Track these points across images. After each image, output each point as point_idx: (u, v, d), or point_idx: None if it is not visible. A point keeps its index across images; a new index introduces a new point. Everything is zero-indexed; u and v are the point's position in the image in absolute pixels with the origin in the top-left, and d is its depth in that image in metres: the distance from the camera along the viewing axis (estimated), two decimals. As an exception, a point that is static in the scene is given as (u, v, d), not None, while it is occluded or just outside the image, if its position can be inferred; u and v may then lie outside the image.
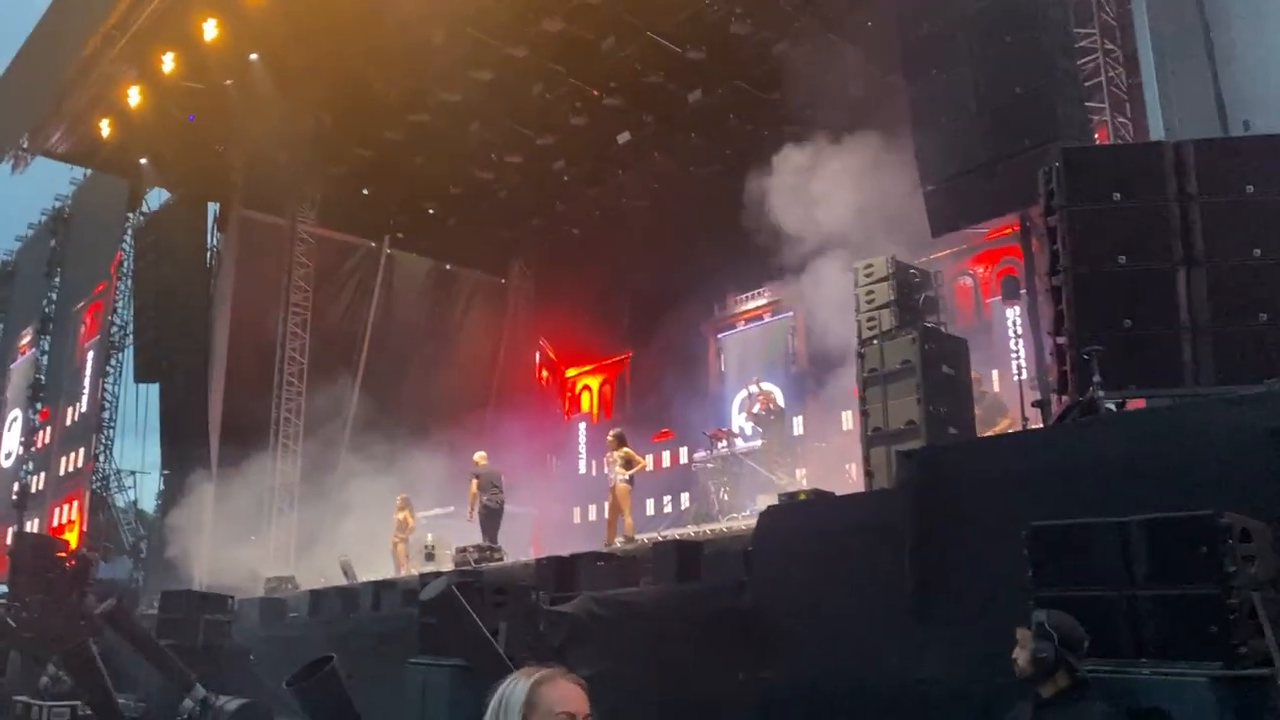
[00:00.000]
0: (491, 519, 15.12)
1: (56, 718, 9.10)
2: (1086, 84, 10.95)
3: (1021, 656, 4.06)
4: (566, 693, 2.09)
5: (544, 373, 24.73)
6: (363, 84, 19.06)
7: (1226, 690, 3.90)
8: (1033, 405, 8.88)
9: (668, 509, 17.56)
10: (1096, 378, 6.25)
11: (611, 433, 14.37)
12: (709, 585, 8.14)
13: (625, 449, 13.79)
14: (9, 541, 26.63)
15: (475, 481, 15.39)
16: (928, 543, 6.07)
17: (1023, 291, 11.14)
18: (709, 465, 15.66)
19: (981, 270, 15.35)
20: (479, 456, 15.88)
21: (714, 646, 7.16)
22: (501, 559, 13.43)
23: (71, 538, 23.29)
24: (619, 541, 12.89)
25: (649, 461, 19.04)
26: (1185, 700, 3.90)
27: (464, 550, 13.80)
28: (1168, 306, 6.46)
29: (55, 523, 26.69)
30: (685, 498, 17.20)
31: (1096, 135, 10.89)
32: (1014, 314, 13.73)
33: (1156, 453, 5.33)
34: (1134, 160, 6.94)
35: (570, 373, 24.18)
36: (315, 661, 5.49)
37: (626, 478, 13.50)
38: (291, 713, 6.92)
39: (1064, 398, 6.79)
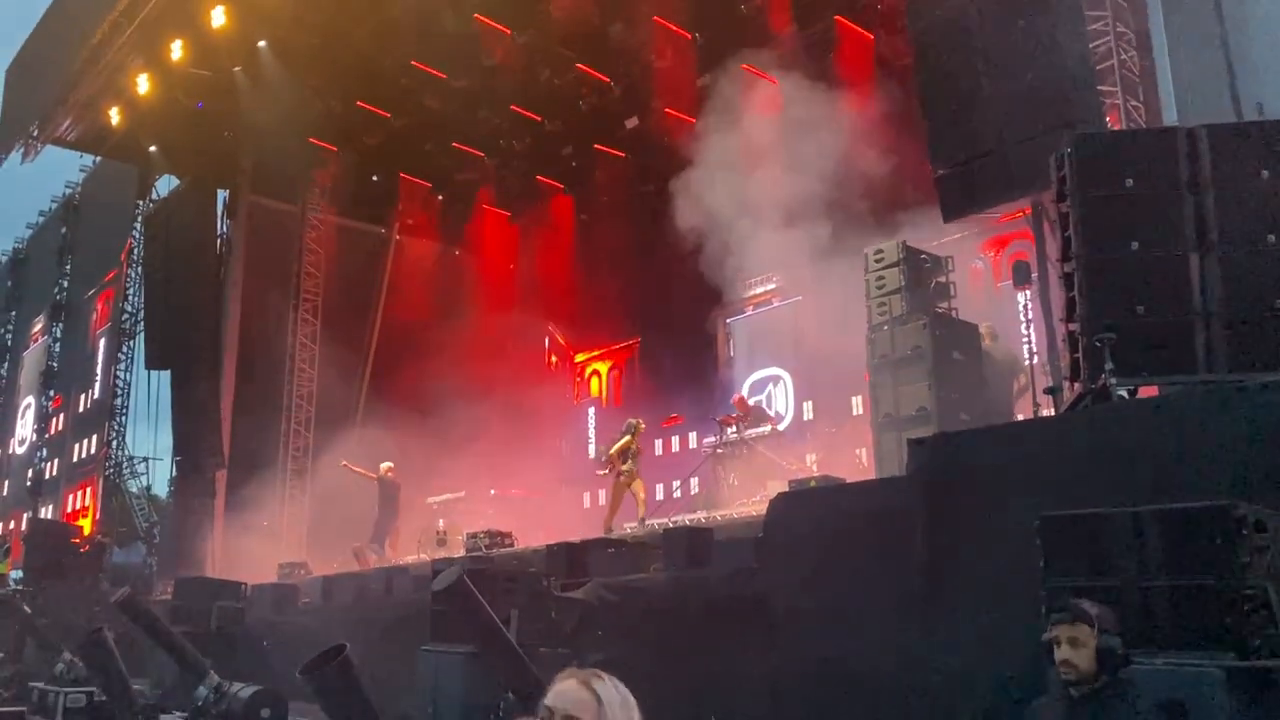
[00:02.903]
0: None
1: (73, 704, 9.17)
2: (1098, 67, 10.86)
3: (1078, 656, 3.54)
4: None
5: (553, 358, 24.73)
6: (371, 70, 19.06)
7: (1240, 682, 3.89)
8: (1044, 392, 8.85)
9: (677, 494, 17.56)
10: (1109, 365, 6.22)
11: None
12: (720, 572, 8.15)
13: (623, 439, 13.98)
14: (24, 527, 26.96)
15: (383, 491, 16.15)
16: (938, 530, 6.06)
17: (1034, 276, 11.08)
18: (718, 451, 15.65)
19: (993, 255, 15.26)
20: (387, 467, 16.49)
21: (725, 632, 7.19)
22: (512, 544, 13.48)
23: (85, 524, 23.50)
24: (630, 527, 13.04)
25: (658, 446, 19.08)
26: (1199, 692, 3.88)
27: (475, 536, 13.85)
28: (1181, 293, 6.42)
29: (69, 509, 26.93)
30: (695, 483, 17.20)
31: (1108, 118, 10.81)
32: (1025, 299, 13.66)
33: (1169, 441, 5.31)
34: (1146, 146, 6.88)
35: (579, 358, 24.17)
36: (328, 650, 5.51)
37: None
38: (305, 699, 6.96)
39: (1076, 385, 6.77)
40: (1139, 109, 11.09)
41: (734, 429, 15.68)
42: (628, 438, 14.03)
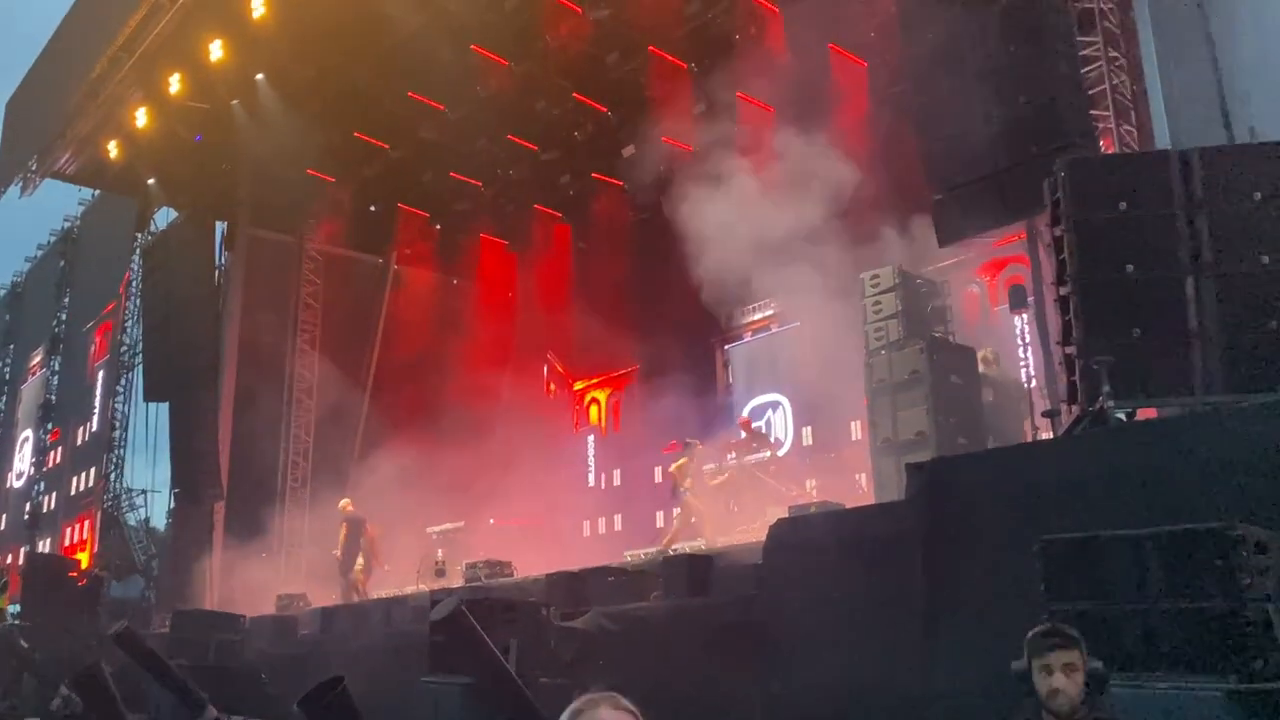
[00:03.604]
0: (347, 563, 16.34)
1: (69, 739, 9.10)
2: (1090, 91, 10.93)
3: (1072, 683, 3.33)
4: None
5: (552, 386, 24.72)
6: (368, 101, 19.18)
7: (1242, 704, 3.86)
8: (1042, 415, 8.85)
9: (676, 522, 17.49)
10: (1106, 388, 6.22)
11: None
12: (719, 599, 8.12)
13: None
14: (21, 561, 26.82)
15: (346, 528, 16.37)
16: (938, 555, 6.04)
17: (1030, 300, 11.11)
18: (718, 478, 15.60)
19: (989, 279, 15.31)
20: (345, 503, 16.76)
21: (725, 660, 7.15)
22: (512, 574, 13.41)
23: (83, 557, 23.38)
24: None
25: (657, 474, 19.04)
26: (1201, 714, 3.86)
27: (474, 566, 13.79)
28: (1177, 315, 6.44)
29: (67, 542, 26.81)
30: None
31: (1101, 143, 10.87)
32: (1022, 322, 13.68)
33: (1168, 463, 5.30)
34: (1140, 169, 6.93)
35: (578, 386, 24.15)
36: (326, 682, 5.46)
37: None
38: (303, 732, 6.90)
39: (1073, 408, 6.77)
40: (1131, 133, 11.16)
41: (733, 455, 15.67)
42: (684, 459, 14.06)
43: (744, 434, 15.71)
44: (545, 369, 24.63)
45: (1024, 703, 3.52)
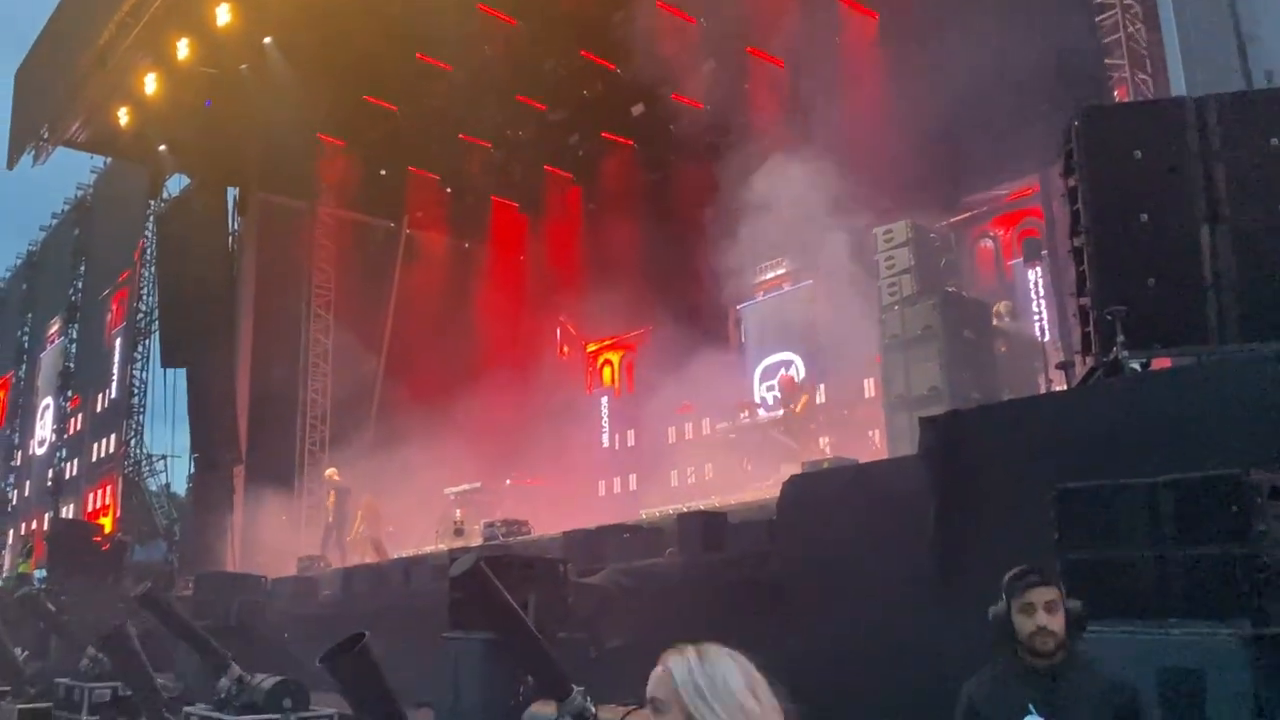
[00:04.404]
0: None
1: (98, 699, 9.28)
2: (1105, 41, 10.78)
3: (1055, 621, 3.28)
4: None
5: (565, 348, 24.78)
6: (376, 63, 19.09)
7: (1257, 648, 3.88)
8: (1056, 367, 8.83)
9: (692, 480, 17.58)
10: (1120, 338, 6.19)
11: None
12: (734, 555, 8.18)
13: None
14: (46, 527, 27.20)
15: (334, 496, 16.73)
16: (951, 508, 6.05)
17: (1044, 253, 11.05)
18: (732, 436, 15.66)
19: (1002, 232, 15.19)
20: (332, 472, 17.11)
21: (740, 615, 7.21)
22: (529, 533, 13.54)
23: (106, 522, 23.69)
24: None
25: (671, 434, 19.10)
26: (1215, 660, 3.89)
27: (492, 525, 13.93)
28: (1192, 264, 6.38)
29: (90, 508, 27.15)
30: (709, 468, 17.22)
31: (1116, 92, 10.74)
32: (1036, 275, 13.60)
33: (1183, 413, 5.29)
34: (1155, 117, 6.84)
35: (591, 347, 24.20)
36: (348, 638, 5.55)
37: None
38: (326, 689, 7.02)
39: (1088, 359, 6.74)
40: (1147, 82, 11.01)
41: (746, 414, 15.70)
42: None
43: (781, 393, 15.68)
44: (558, 331, 24.69)
45: (995, 654, 3.45)
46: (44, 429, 32.92)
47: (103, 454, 27.34)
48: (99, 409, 28.50)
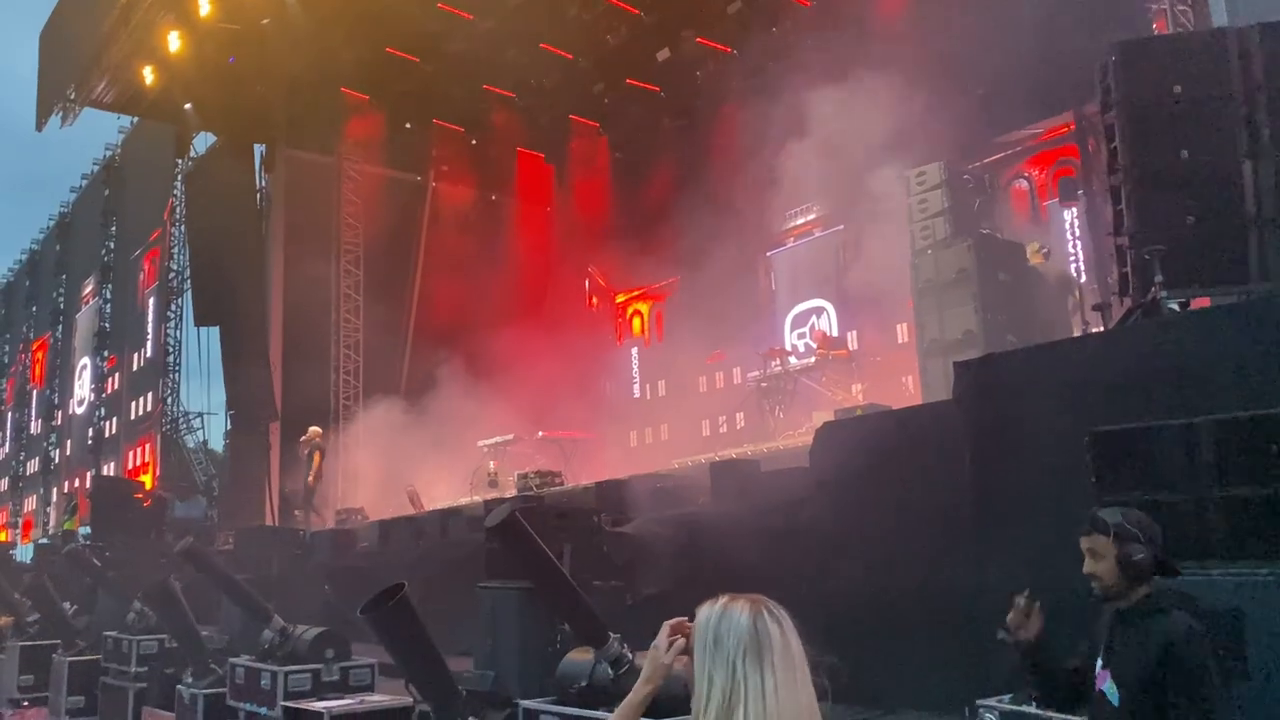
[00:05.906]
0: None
1: (145, 650, 9.51)
2: (1144, -28, 10.48)
3: (1101, 567, 3.30)
4: None
5: (594, 299, 24.75)
6: (397, 15, 18.91)
7: (1299, 589, 3.85)
8: (1093, 309, 8.70)
9: (723, 429, 17.60)
10: (1159, 278, 6.09)
11: None
12: (768, 503, 8.17)
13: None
14: (88, 485, 27.74)
15: (319, 456, 17.10)
16: (987, 452, 6.01)
17: (1080, 193, 10.84)
18: (763, 384, 15.63)
19: (1037, 173, 14.91)
20: (315, 431, 17.43)
21: (774, 563, 7.22)
22: (562, 483, 13.63)
23: (146, 479, 24.09)
24: None
25: (703, 384, 19.10)
26: (1258, 600, 3.85)
27: (525, 476, 14.04)
28: (1233, 201, 6.25)
29: (130, 465, 27.61)
30: (740, 417, 17.22)
31: (1155, 25, 10.45)
32: (1072, 215, 13.36)
33: (1222, 352, 5.19)
34: (1195, 49, 6.65)
35: (620, 298, 24.15)
36: (387, 589, 5.63)
37: None
38: (366, 639, 7.13)
39: (1125, 300, 6.64)
40: (1186, 13, 10.70)
41: (777, 363, 15.64)
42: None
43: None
44: (587, 282, 24.64)
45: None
46: (82, 389, 33.44)
47: (141, 412, 27.75)
48: (135, 368, 28.87)
